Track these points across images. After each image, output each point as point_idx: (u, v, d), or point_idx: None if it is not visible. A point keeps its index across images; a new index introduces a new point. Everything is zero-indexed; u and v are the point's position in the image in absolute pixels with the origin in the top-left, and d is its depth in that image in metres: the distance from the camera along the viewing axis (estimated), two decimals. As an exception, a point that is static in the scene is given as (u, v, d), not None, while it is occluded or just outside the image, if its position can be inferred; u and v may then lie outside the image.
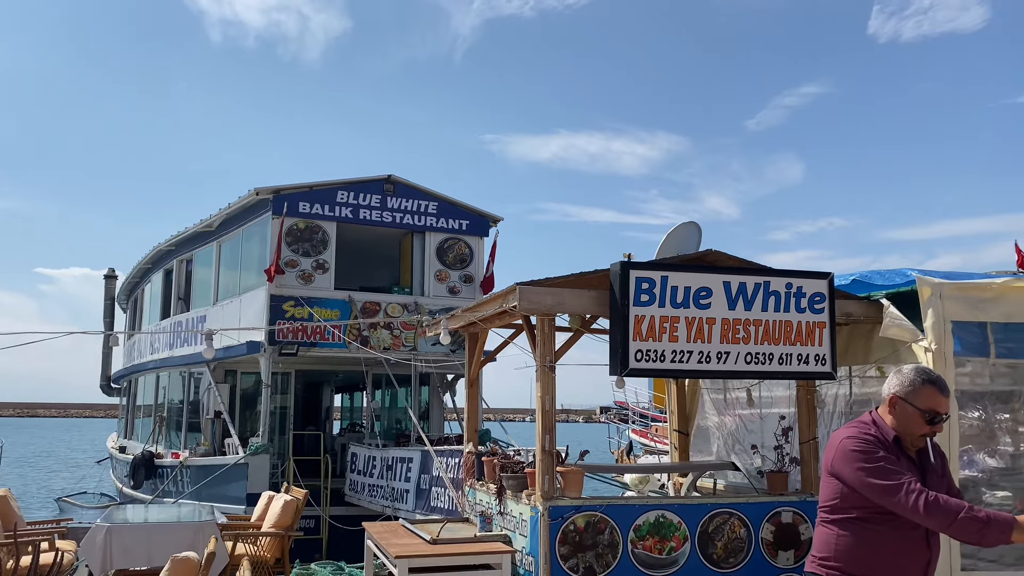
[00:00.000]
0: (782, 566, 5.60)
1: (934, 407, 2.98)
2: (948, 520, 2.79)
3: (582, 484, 5.39)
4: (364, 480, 13.78)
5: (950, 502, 2.80)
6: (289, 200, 14.35)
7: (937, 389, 3.00)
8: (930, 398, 2.98)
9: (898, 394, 3.04)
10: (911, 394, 3.01)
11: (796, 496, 5.72)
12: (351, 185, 14.96)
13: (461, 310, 5.74)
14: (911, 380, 3.03)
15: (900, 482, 2.85)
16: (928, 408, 2.98)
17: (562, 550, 5.15)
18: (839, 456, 3.02)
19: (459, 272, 15.76)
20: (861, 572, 3.02)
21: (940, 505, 2.79)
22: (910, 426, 3.02)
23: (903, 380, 3.06)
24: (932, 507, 2.79)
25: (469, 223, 15.87)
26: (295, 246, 14.46)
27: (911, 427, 3.02)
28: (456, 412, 17.61)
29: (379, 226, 15.23)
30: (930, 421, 2.99)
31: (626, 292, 4.96)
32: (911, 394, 3.01)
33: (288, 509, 7.17)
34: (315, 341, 14.35)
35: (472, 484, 6.61)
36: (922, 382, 3.01)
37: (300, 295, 14.24)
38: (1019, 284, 5.21)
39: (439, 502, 11.09)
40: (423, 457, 11.89)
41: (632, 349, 4.96)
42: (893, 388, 3.07)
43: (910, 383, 3.03)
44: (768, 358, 5.25)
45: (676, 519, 5.41)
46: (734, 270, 5.29)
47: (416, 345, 15.13)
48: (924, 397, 2.99)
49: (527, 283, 5.02)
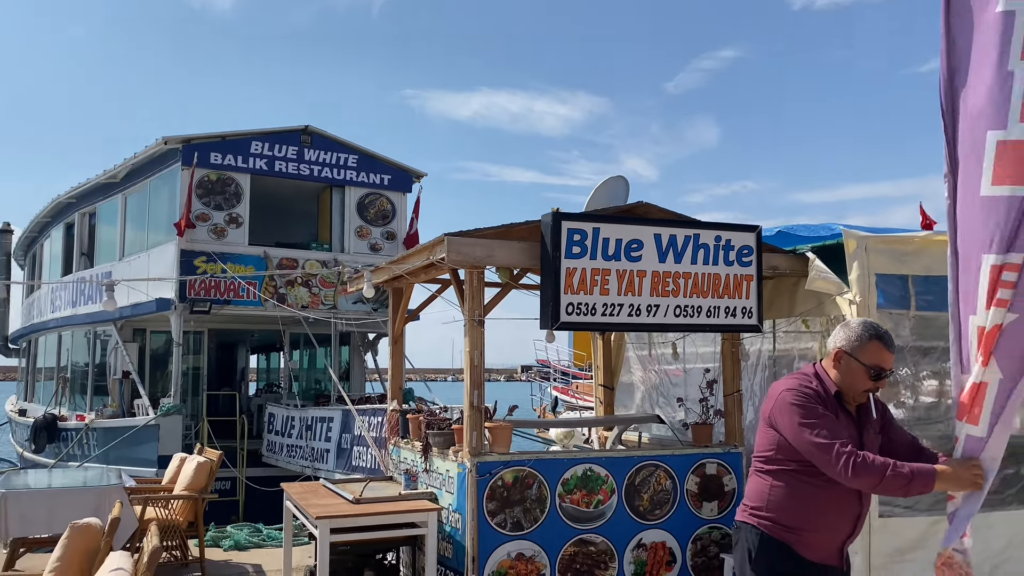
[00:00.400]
0: (706, 516, 5.66)
1: (879, 363, 2.94)
2: (874, 481, 2.78)
3: (511, 440, 5.29)
4: (282, 441, 13.46)
5: (875, 462, 2.78)
6: (200, 150, 13.66)
7: (884, 344, 2.95)
8: (876, 354, 2.93)
9: (844, 348, 2.98)
10: (857, 349, 2.95)
11: (720, 448, 5.77)
12: (266, 136, 14.33)
13: (386, 263, 5.52)
14: (858, 335, 2.97)
15: (831, 442, 2.81)
16: (873, 364, 2.94)
17: (490, 506, 5.06)
18: (778, 407, 2.97)
19: (381, 228, 15.38)
20: (793, 523, 3.00)
21: (866, 466, 2.77)
22: (854, 381, 2.97)
23: (849, 335, 2.99)
24: (858, 468, 2.77)
25: (391, 178, 15.47)
26: (207, 199, 13.81)
27: (855, 382, 2.97)
28: (378, 372, 17.35)
29: (296, 179, 14.68)
30: (875, 377, 2.95)
31: (558, 244, 4.82)
32: (857, 349, 2.95)
33: (202, 471, 6.86)
34: (229, 298, 13.82)
35: (396, 442, 6.45)
36: (869, 337, 2.95)
37: (212, 250, 13.64)
38: (940, 238, 5.30)
39: (361, 461, 10.91)
40: (344, 416, 11.65)
41: (563, 302, 4.84)
42: (839, 342, 3.01)
43: (857, 338, 2.97)
44: (697, 311, 5.22)
45: (604, 472, 5.38)
46: (664, 222, 5.22)
47: (336, 303, 14.75)
48: (870, 352, 2.94)
49: (456, 234, 4.83)
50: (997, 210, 2.67)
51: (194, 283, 13.42)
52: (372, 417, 10.51)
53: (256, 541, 8.12)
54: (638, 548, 5.45)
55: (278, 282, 14.21)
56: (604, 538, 5.36)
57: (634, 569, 5.43)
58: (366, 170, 15.27)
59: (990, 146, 2.69)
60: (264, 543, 8.13)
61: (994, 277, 2.66)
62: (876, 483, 2.78)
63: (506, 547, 5.09)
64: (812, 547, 3.00)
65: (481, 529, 5.03)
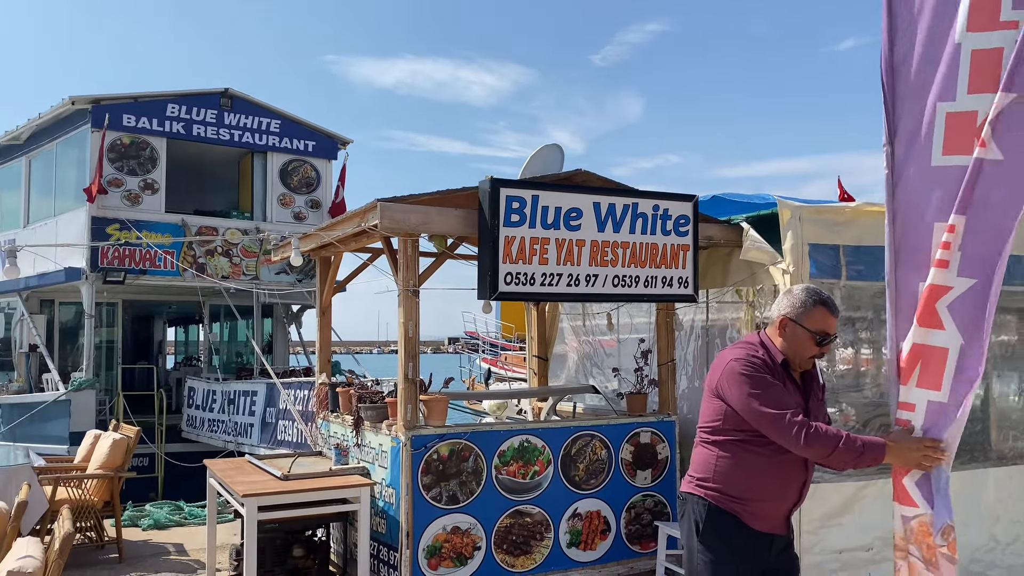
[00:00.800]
0: (640, 485, 5.68)
1: (824, 328, 2.93)
2: (827, 451, 2.78)
3: (446, 412, 5.18)
4: (203, 415, 13.04)
5: (829, 432, 2.78)
6: (111, 112, 12.94)
7: (828, 310, 2.94)
8: (821, 319, 2.93)
9: (788, 315, 2.96)
10: (802, 315, 2.94)
11: (654, 417, 5.79)
12: (183, 98, 13.68)
13: (315, 229, 5.28)
14: (802, 301, 2.95)
15: (783, 412, 2.79)
16: (819, 330, 2.92)
17: (425, 480, 4.95)
18: (725, 378, 2.93)
19: (305, 197, 14.93)
20: (739, 493, 2.98)
21: (820, 436, 2.76)
22: (800, 348, 2.96)
23: (794, 301, 2.98)
24: (812, 438, 2.76)
25: (316, 144, 15.00)
26: (119, 163, 13.13)
27: (801, 349, 2.96)
28: (302, 344, 16.96)
29: (215, 144, 14.08)
30: (820, 343, 2.94)
31: (496, 211, 4.69)
32: (802, 315, 2.94)
33: (118, 448, 6.53)
34: (145, 268, 13.23)
35: (326, 416, 6.25)
36: (813, 303, 2.94)
37: (126, 218, 13.00)
38: (870, 208, 5.38)
39: (286, 436, 10.65)
40: (268, 390, 11.34)
41: (502, 272, 4.72)
42: (783, 309, 2.99)
43: (801, 304, 2.95)
44: (634, 281, 5.19)
45: (540, 443, 5.33)
46: (603, 191, 5.15)
47: (258, 274, 14.30)
48: (815, 318, 2.93)
49: (390, 199, 4.64)
50: (949, 179, 2.67)
51: (107, 252, 12.78)
52: (298, 390, 10.24)
53: (177, 519, 7.83)
54: (573, 518, 5.44)
55: (197, 251, 13.67)
56: (540, 509, 5.32)
57: (569, 539, 5.42)
58: (289, 136, 14.76)
59: (940, 118, 2.69)
60: (186, 521, 7.84)
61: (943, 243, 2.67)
62: (828, 453, 2.78)
63: (441, 521, 5.00)
64: (759, 516, 3.00)
65: (416, 503, 4.92)
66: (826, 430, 2.79)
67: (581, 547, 5.46)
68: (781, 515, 3.07)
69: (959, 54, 2.64)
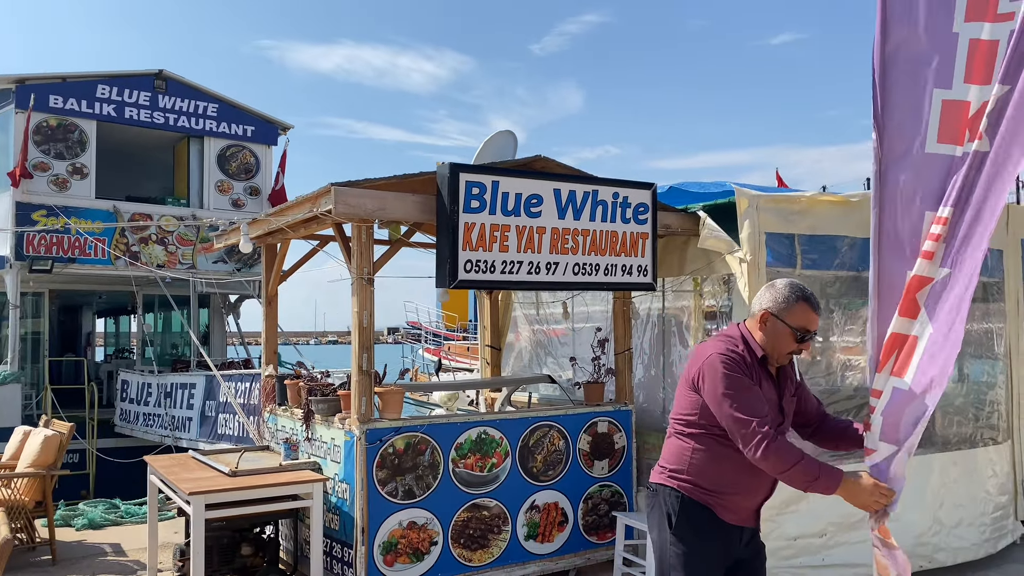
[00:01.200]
0: (597, 475, 5.63)
1: (805, 325, 2.87)
2: (780, 468, 2.74)
3: (402, 405, 5.03)
4: (138, 409, 12.58)
5: (788, 451, 2.73)
6: (37, 92, 12.31)
7: (810, 306, 2.88)
8: (802, 315, 2.86)
9: (770, 310, 2.89)
10: (783, 311, 2.87)
11: (611, 406, 5.74)
12: (115, 79, 13.10)
13: (265, 214, 5.06)
14: (784, 296, 2.88)
15: (750, 419, 2.74)
16: (800, 326, 2.86)
17: (380, 474, 4.80)
18: (706, 373, 2.86)
19: (244, 183, 14.49)
20: (713, 487, 2.94)
21: (778, 452, 2.72)
22: (779, 343, 2.90)
23: (776, 296, 2.90)
24: (768, 453, 2.72)
25: (255, 129, 14.55)
26: (46, 146, 12.51)
27: (780, 344, 2.90)
28: (240, 335, 16.50)
29: (149, 128, 13.55)
30: (800, 339, 2.88)
31: (455, 197, 4.55)
32: (783, 311, 2.87)
33: (49, 445, 6.19)
34: (74, 256, 12.66)
35: (273, 410, 6.04)
36: (796, 299, 2.87)
37: (54, 203, 12.41)
38: (824, 198, 5.43)
39: (227, 430, 10.33)
40: (207, 382, 10.98)
41: (461, 259, 4.59)
42: (765, 304, 2.92)
43: (784, 299, 2.88)
44: (594, 269, 5.12)
45: (498, 435, 5.23)
46: (563, 177, 5.06)
47: (195, 262, 13.83)
48: (797, 314, 2.86)
49: (344, 184, 4.46)
50: (941, 167, 2.65)
51: (33, 239, 12.19)
52: (239, 383, 9.93)
53: (113, 518, 7.49)
54: (531, 510, 5.36)
55: (130, 239, 13.14)
56: (498, 502, 5.22)
57: (527, 531, 5.34)
58: (227, 120, 14.30)
59: (935, 105, 2.67)
60: (122, 520, 7.51)
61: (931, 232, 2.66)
62: (781, 471, 2.75)
63: (397, 516, 4.86)
64: (730, 509, 2.96)
65: (371, 499, 4.77)
66: (788, 448, 2.74)
67: (539, 539, 5.39)
68: (752, 508, 3.05)
69: (956, 42, 2.62)
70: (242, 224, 5.18)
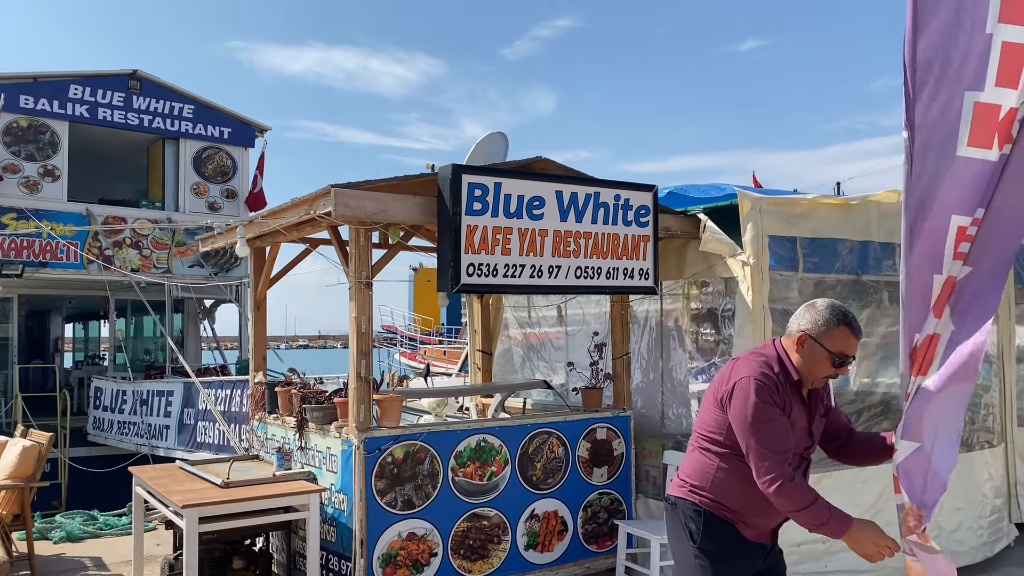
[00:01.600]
0: (596, 483, 5.54)
1: (845, 350, 2.76)
2: (790, 508, 2.69)
3: (400, 412, 4.90)
4: (112, 417, 12.27)
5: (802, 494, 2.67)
6: (7, 91, 11.98)
7: (851, 331, 2.77)
8: (843, 340, 2.75)
9: (809, 333, 2.77)
10: (823, 335, 2.76)
11: (610, 412, 5.65)
12: (87, 79, 12.80)
13: (260, 216, 4.90)
14: (825, 319, 2.76)
15: (771, 454, 2.67)
16: (839, 351, 2.76)
17: (379, 484, 4.66)
18: (738, 395, 2.75)
19: (220, 186, 14.23)
20: (734, 506, 2.86)
21: (791, 494, 2.66)
22: (816, 368, 2.79)
23: (816, 318, 2.78)
24: (781, 493, 2.66)
25: (232, 131, 14.30)
26: (16, 148, 12.18)
27: (817, 369, 2.79)
28: (216, 340, 16.21)
29: (123, 129, 13.25)
30: (838, 364, 2.78)
31: (458, 199, 4.44)
32: (823, 335, 2.76)
33: (28, 456, 5.96)
34: (45, 260, 12.33)
35: (262, 418, 5.86)
36: (836, 322, 2.76)
37: (24, 206, 12.09)
38: (826, 201, 5.39)
39: (206, 438, 10.10)
40: (186, 389, 10.73)
41: (464, 263, 4.47)
42: (804, 326, 2.80)
43: (824, 322, 2.76)
44: (596, 272, 5.02)
45: (497, 442, 5.12)
46: (564, 179, 4.96)
47: (171, 267, 13.55)
48: (837, 339, 2.75)
49: (344, 185, 4.32)
50: (972, 171, 2.59)
51: (2, 243, 11.84)
52: (219, 390, 9.71)
53: (91, 531, 7.24)
54: (531, 519, 5.25)
55: (103, 243, 12.83)
56: (498, 511, 5.11)
57: (527, 541, 5.23)
58: (203, 122, 14.03)
59: (967, 107, 2.60)
60: (101, 532, 7.27)
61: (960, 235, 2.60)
62: (791, 511, 2.69)
63: (396, 527, 4.73)
64: (751, 527, 2.91)
65: (370, 510, 4.63)
66: (801, 490, 2.67)
67: (539, 549, 5.28)
68: (771, 528, 2.99)
69: (990, 44, 2.56)
70: (239, 226, 5.02)
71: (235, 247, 5.13)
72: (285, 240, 5.56)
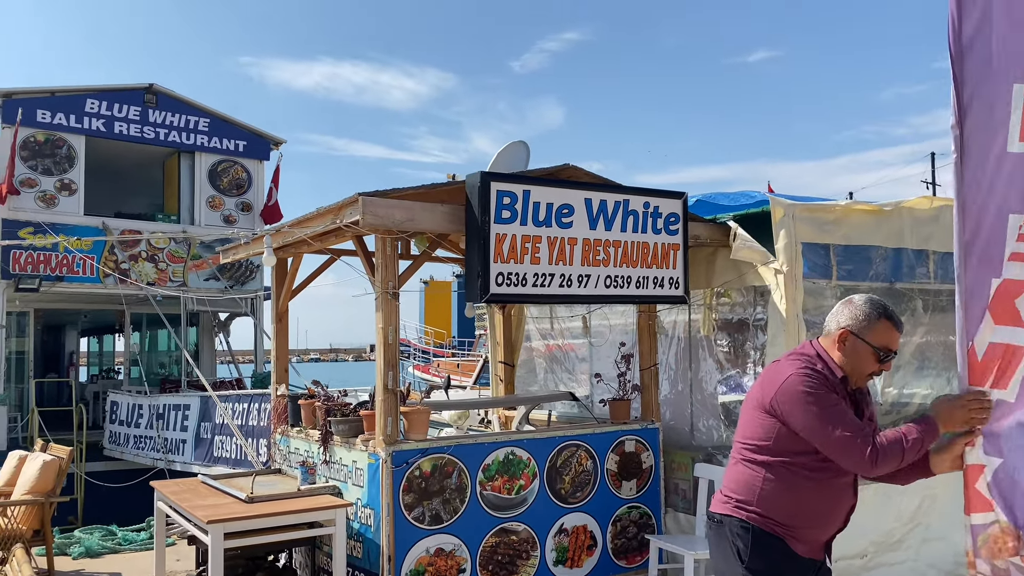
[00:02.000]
0: (625, 496, 5.42)
1: (888, 344, 2.69)
2: (896, 462, 2.57)
3: (428, 425, 4.81)
4: (128, 431, 12.22)
5: (892, 441, 2.56)
6: (24, 106, 12.01)
7: (893, 324, 2.70)
8: (885, 334, 2.68)
9: (850, 328, 2.70)
10: (864, 329, 2.68)
11: (638, 424, 5.54)
12: (104, 93, 12.83)
13: (288, 225, 4.83)
14: (865, 313, 2.69)
15: (854, 436, 2.56)
16: (883, 345, 2.68)
17: (406, 499, 4.56)
18: (785, 396, 2.65)
19: (235, 199, 14.22)
20: (785, 519, 2.73)
21: (886, 453, 2.55)
22: (860, 364, 2.71)
23: (856, 313, 2.71)
24: (882, 457, 2.55)
25: (247, 144, 14.30)
26: (33, 162, 12.20)
27: (861, 365, 2.71)
28: (231, 354, 16.17)
29: (139, 143, 13.27)
30: (882, 359, 2.70)
31: (486, 207, 4.35)
32: (864, 329, 2.68)
33: (48, 470, 5.90)
34: (62, 274, 12.33)
35: (285, 431, 5.78)
36: (878, 316, 2.69)
37: (41, 220, 12.09)
38: (859, 207, 5.29)
39: (223, 452, 10.01)
40: (203, 404, 10.66)
41: (493, 272, 4.38)
42: (844, 321, 2.72)
43: (865, 316, 2.69)
44: (626, 281, 4.93)
45: (525, 455, 5.01)
46: (594, 186, 4.87)
47: (186, 280, 13.52)
48: (879, 333, 2.67)
49: (371, 193, 4.25)
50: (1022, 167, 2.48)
51: (19, 257, 11.85)
52: (237, 404, 9.64)
53: (110, 546, 7.17)
54: (560, 534, 5.14)
55: (120, 256, 12.82)
56: (526, 526, 5.00)
57: (556, 556, 5.12)
58: (219, 135, 14.04)
59: (1018, 99, 2.50)
60: (120, 548, 7.19)
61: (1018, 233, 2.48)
62: (899, 462, 2.58)
63: (424, 543, 4.63)
64: (803, 542, 2.77)
65: (397, 525, 4.53)
66: (889, 440, 2.58)
67: (568, 564, 5.17)
68: (825, 540, 2.86)
69: None
70: (266, 236, 4.95)
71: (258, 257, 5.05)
72: (308, 251, 5.49)
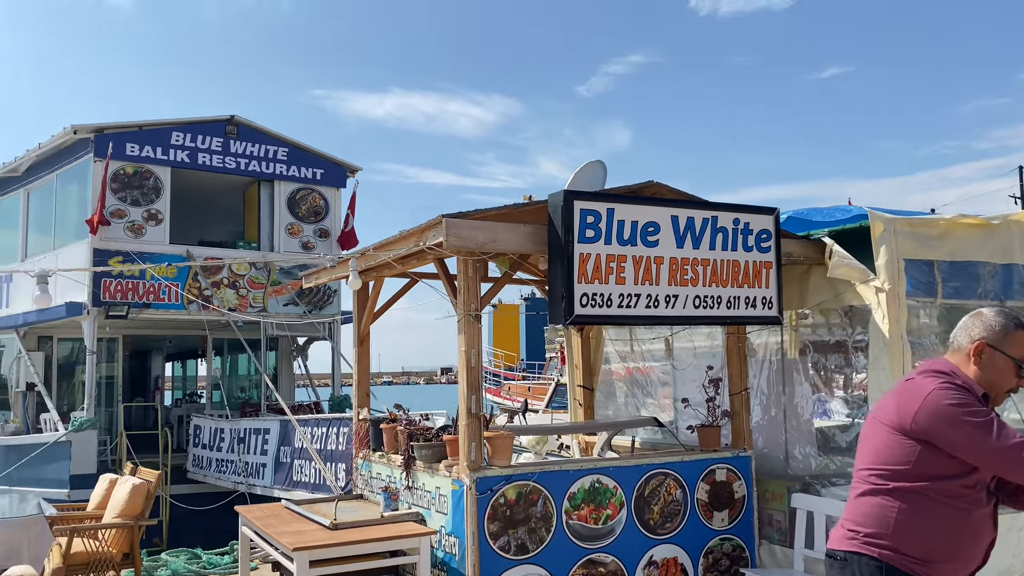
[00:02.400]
0: (717, 527, 5.18)
1: None
2: None
3: (511, 450, 4.69)
4: (210, 455, 12.43)
5: None
6: (115, 140, 12.48)
7: None
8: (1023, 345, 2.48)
9: (987, 340, 2.50)
10: (1002, 340, 2.48)
11: (729, 452, 5.31)
12: (188, 126, 13.24)
13: (372, 248, 4.81)
14: (1001, 324, 2.50)
15: (1012, 444, 2.33)
16: (1022, 357, 2.48)
17: (491, 527, 4.44)
18: (931, 412, 2.42)
19: (313, 226, 14.45)
20: (924, 555, 2.48)
21: None
22: (999, 378, 2.50)
23: (990, 324, 2.51)
24: None
25: (324, 172, 14.55)
26: (122, 194, 12.64)
27: (1000, 380, 2.50)
28: (309, 378, 16.39)
29: (221, 173, 13.62)
30: (1022, 373, 2.49)
31: (570, 226, 4.24)
32: (1002, 340, 2.48)
33: (138, 494, 5.98)
34: (149, 302, 12.69)
35: (366, 456, 5.74)
36: (1015, 326, 2.49)
37: (130, 249, 12.49)
38: (965, 220, 4.98)
39: (303, 476, 10.07)
40: (282, 428, 10.77)
41: (577, 292, 4.26)
42: (978, 334, 2.52)
43: (1000, 327, 2.49)
44: (716, 302, 4.73)
45: (612, 484, 4.84)
46: (680, 203, 4.71)
47: (266, 305, 13.77)
48: (1019, 344, 2.48)
49: (455, 215, 4.19)
50: None
51: (109, 285, 12.25)
52: (316, 428, 9.69)
53: (196, 569, 7.24)
54: (649, 566, 4.93)
55: (203, 283, 13.15)
56: (614, 557, 4.81)
57: (645, 589, 4.91)
58: (297, 164, 14.32)
59: None
60: (205, 571, 7.25)
61: None
62: None
63: (511, 573, 4.49)
64: None
65: (483, 554, 4.40)
66: None
67: (658, 598, 4.95)
68: None
69: None
70: (351, 259, 4.94)
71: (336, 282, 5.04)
72: (390, 274, 5.46)
